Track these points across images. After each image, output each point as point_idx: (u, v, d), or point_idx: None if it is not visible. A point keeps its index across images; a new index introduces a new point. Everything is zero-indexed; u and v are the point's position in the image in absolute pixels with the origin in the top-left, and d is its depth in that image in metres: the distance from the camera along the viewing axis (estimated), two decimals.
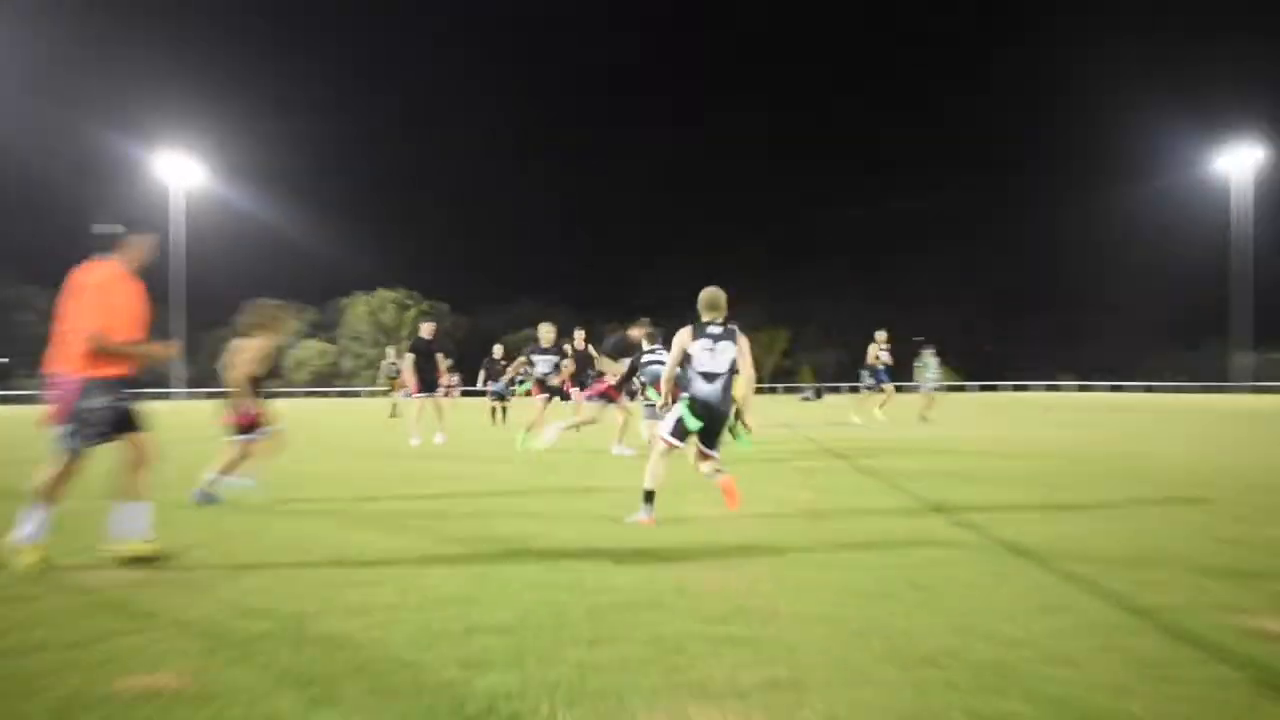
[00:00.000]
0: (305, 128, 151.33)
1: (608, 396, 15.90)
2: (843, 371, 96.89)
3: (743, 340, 8.83)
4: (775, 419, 30.49)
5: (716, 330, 8.74)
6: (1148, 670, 4.14)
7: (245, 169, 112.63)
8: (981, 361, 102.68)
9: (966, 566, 6.35)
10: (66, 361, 6.57)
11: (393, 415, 31.77)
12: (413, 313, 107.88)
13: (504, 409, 28.02)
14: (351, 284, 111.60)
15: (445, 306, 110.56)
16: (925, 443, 17.85)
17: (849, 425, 24.23)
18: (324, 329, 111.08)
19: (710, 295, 8.92)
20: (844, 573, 6.20)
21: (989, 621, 4.95)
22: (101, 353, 6.50)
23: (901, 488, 10.71)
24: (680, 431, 8.65)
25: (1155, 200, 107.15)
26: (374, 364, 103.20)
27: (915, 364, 28.33)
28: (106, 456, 6.82)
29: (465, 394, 36.39)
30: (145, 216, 7.03)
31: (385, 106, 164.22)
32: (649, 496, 8.55)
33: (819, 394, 62.20)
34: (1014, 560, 6.59)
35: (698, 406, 8.64)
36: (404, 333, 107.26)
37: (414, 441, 18.79)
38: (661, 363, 14.06)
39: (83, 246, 6.81)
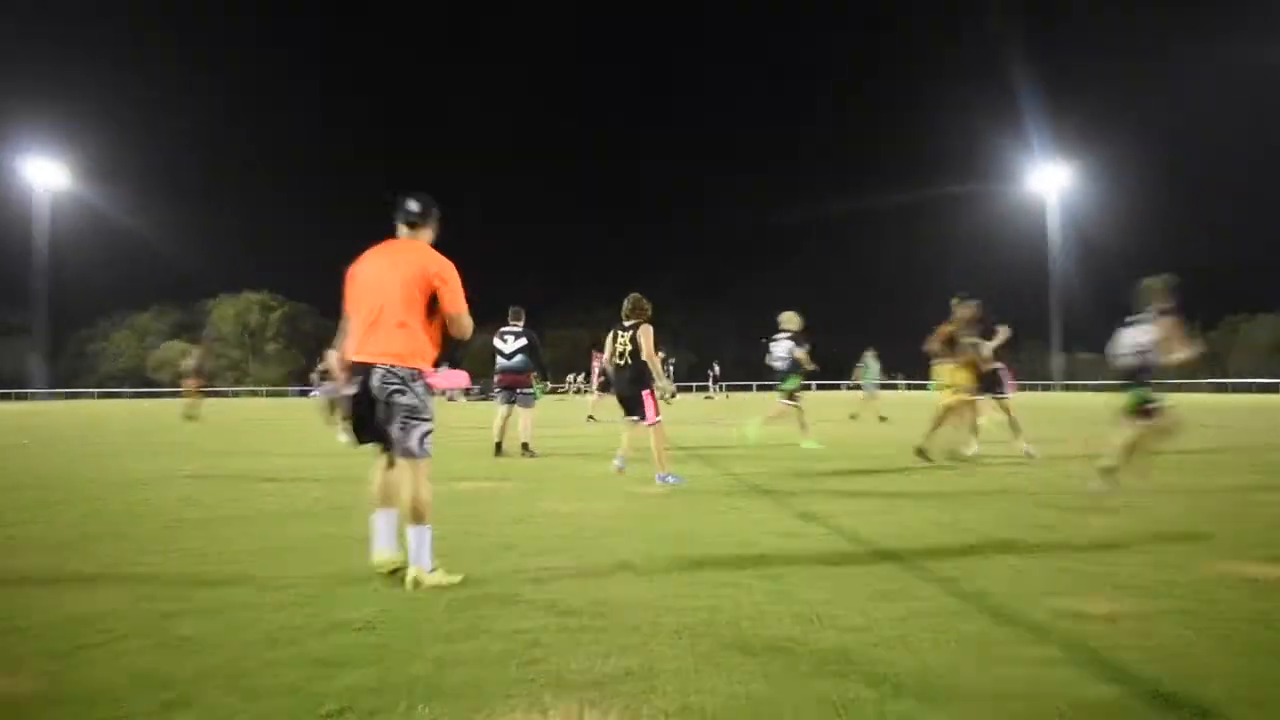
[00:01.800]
0: (171, 126, 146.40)
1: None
2: (692, 372, 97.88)
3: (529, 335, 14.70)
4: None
5: (515, 329, 15.33)
6: (977, 652, 4.21)
7: (109, 170, 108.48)
8: (828, 364, 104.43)
9: (811, 556, 6.40)
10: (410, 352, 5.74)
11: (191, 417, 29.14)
12: (278, 314, 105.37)
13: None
14: (218, 285, 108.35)
15: (311, 308, 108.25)
16: (769, 439, 18.05)
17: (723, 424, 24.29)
18: (188, 330, 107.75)
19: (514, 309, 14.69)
20: (694, 563, 6.20)
21: (832, 609, 4.99)
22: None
23: (750, 482, 10.80)
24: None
25: (980, 208, 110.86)
26: (238, 365, 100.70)
27: (857, 365, 28.59)
28: None
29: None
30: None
31: (244, 102, 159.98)
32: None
33: (672, 394, 63.18)
34: (854, 550, 6.67)
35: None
36: (269, 334, 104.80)
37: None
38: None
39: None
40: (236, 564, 6.32)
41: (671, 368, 51.75)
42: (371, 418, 5.82)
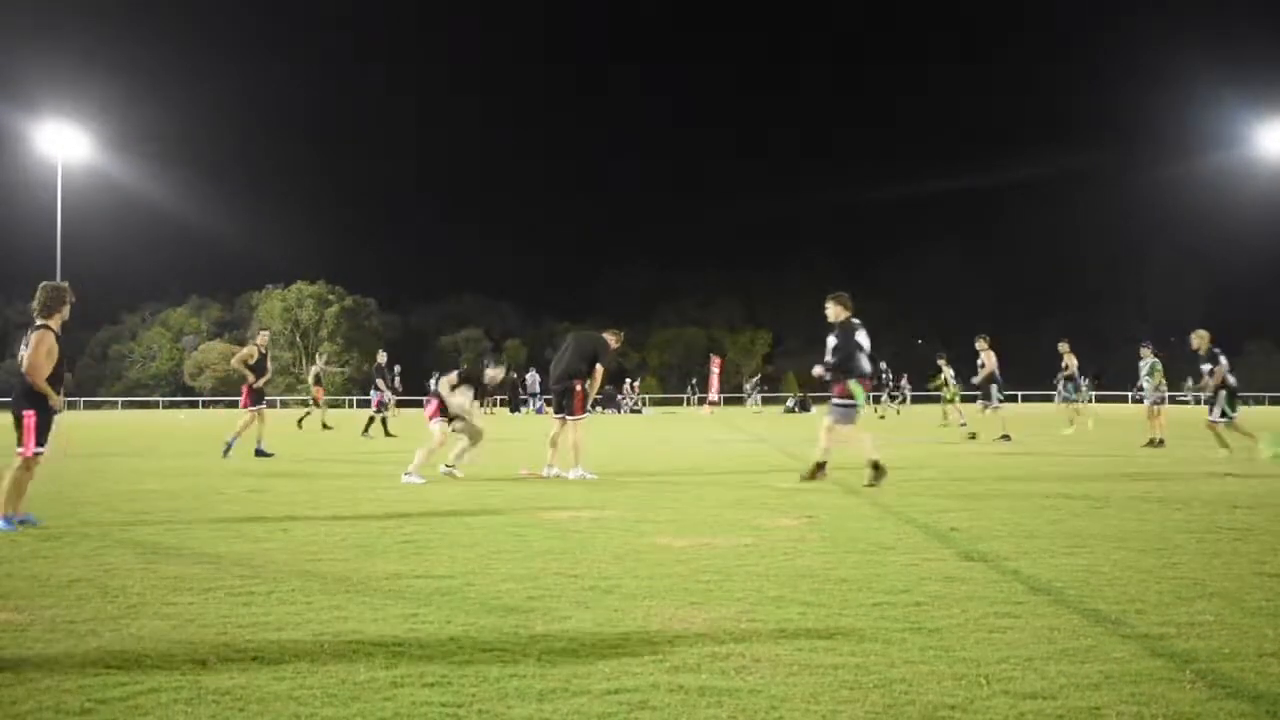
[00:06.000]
0: (211, 96, 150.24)
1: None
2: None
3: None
4: (753, 432, 30.50)
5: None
6: None
7: (140, 142, 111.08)
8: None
9: (976, 605, 6.33)
10: None
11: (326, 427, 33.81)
12: (335, 309, 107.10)
13: (384, 420, 29.94)
14: (264, 276, 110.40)
15: (372, 302, 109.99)
16: (927, 460, 17.88)
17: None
18: (230, 327, 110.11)
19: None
20: (834, 613, 6.16)
21: (1003, 669, 4.92)
22: None
23: (900, 513, 10.71)
24: None
25: (1186, 183, 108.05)
26: (288, 369, 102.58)
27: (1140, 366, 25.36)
28: None
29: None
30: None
31: (304, 72, 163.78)
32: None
33: (805, 405, 62.03)
34: (1030, 597, 6.57)
35: None
36: (324, 332, 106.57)
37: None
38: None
39: None
40: (288, 604, 6.45)
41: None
42: None
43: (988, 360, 25.23)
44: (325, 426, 33.64)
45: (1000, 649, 5.31)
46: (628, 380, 77.96)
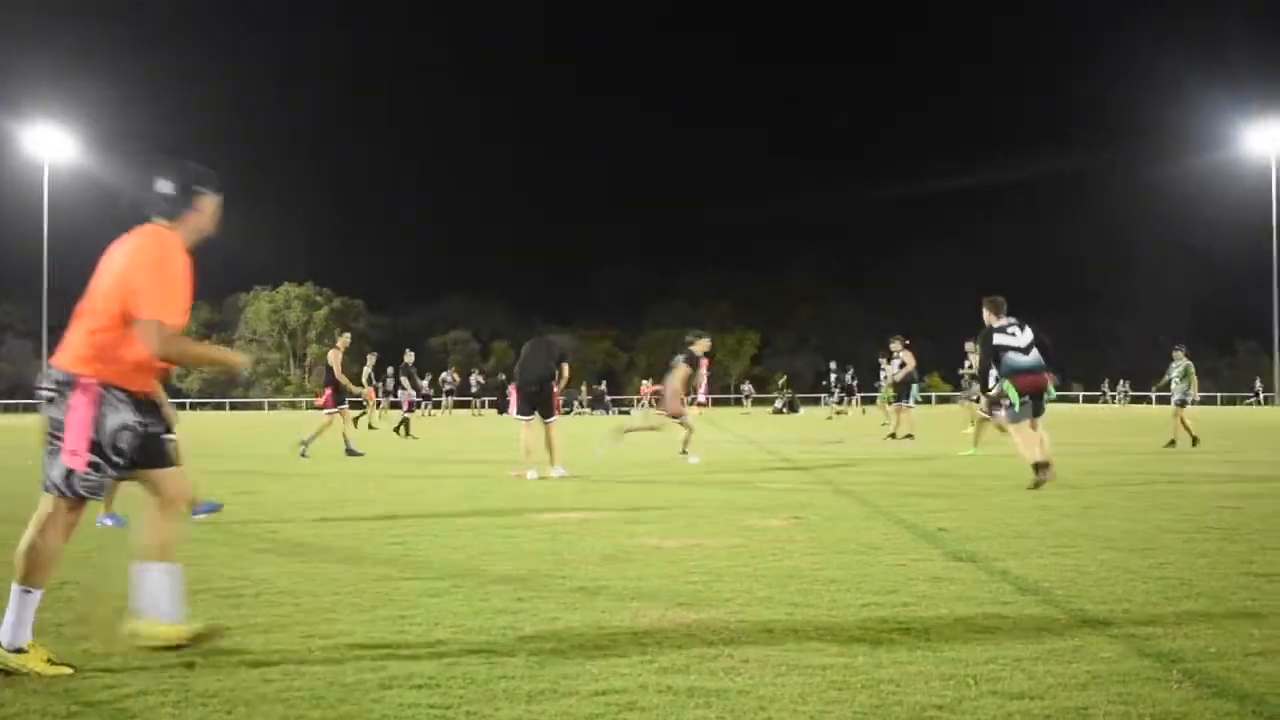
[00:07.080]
0: (202, 97, 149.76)
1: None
2: (821, 380, 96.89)
3: None
4: (741, 433, 30.52)
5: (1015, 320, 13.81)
6: None
7: (126, 142, 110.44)
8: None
9: (964, 605, 6.34)
10: (83, 361, 5.35)
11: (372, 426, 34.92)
12: (323, 311, 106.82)
13: (405, 421, 30.79)
14: (252, 278, 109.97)
15: (360, 304, 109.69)
16: (918, 459, 17.91)
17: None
18: (218, 329, 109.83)
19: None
20: (822, 613, 6.17)
21: (990, 669, 4.92)
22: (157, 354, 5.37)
23: (888, 513, 10.73)
24: None
25: (1175, 183, 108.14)
26: (276, 370, 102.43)
27: (1172, 370, 24.51)
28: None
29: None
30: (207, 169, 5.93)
31: (289, 70, 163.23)
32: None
33: (794, 406, 62.16)
34: (1018, 597, 6.59)
35: None
36: (312, 334, 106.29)
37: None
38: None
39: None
40: (274, 606, 6.45)
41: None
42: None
43: (907, 360, 26.74)
44: (371, 426, 34.49)
45: (988, 649, 5.32)
46: (644, 382, 78.13)
